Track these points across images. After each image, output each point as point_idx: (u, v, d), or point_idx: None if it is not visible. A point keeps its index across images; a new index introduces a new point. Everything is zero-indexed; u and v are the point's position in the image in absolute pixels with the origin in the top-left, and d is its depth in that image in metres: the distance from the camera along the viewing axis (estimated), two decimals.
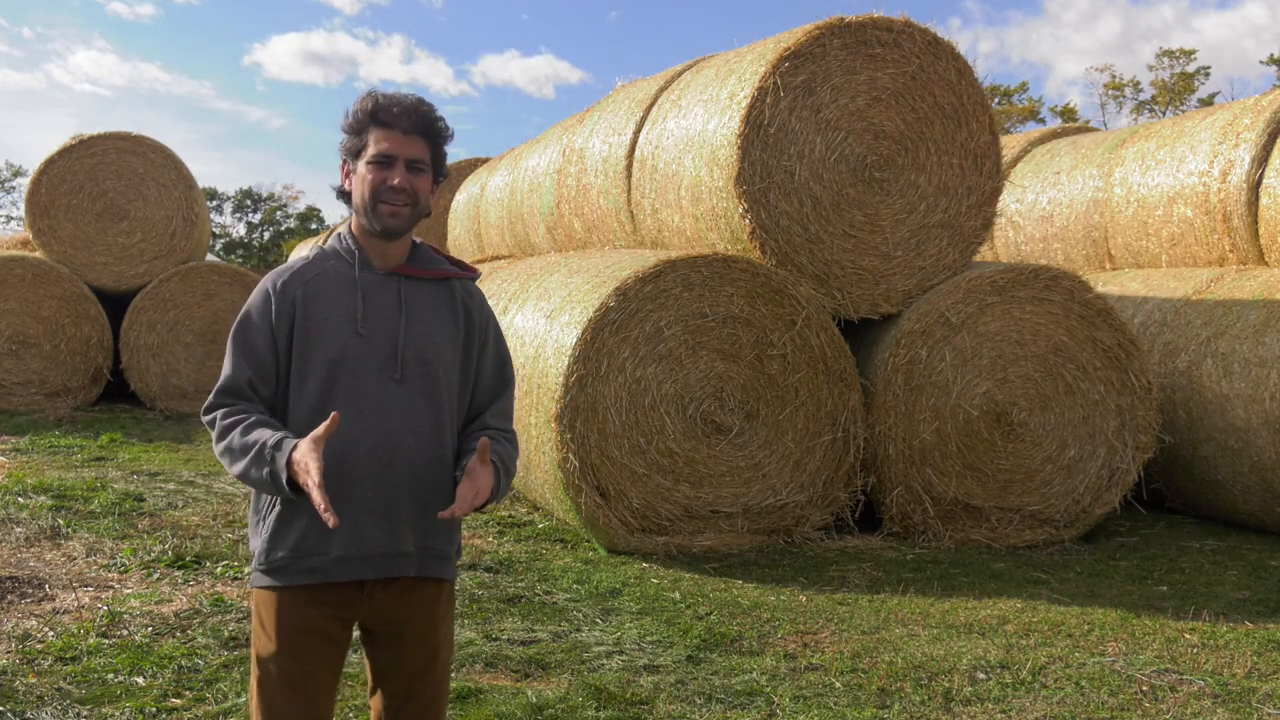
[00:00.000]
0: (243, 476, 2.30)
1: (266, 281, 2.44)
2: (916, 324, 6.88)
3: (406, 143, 2.39)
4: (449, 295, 2.51)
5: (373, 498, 2.36)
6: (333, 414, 2.21)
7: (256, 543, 2.42)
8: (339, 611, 2.42)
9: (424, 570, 2.45)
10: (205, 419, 2.39)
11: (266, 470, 2.23)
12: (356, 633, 2.54)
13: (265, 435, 2.26)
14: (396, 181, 2.37)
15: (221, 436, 2.34)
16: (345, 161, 2.46)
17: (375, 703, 2.54)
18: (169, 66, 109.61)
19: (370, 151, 2.39)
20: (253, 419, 2.32)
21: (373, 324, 2.39)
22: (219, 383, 2.40)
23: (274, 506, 2.39)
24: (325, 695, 2.43)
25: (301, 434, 2.30)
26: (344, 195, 2.50)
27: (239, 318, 2.42)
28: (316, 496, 2.14)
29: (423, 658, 2.49)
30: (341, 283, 2.42)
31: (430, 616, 2.49)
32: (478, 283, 4.00)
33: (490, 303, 8.33)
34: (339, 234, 2.52)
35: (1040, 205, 10.36)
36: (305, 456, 2.17)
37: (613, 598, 5.44)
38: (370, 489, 2.36)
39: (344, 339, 2.37)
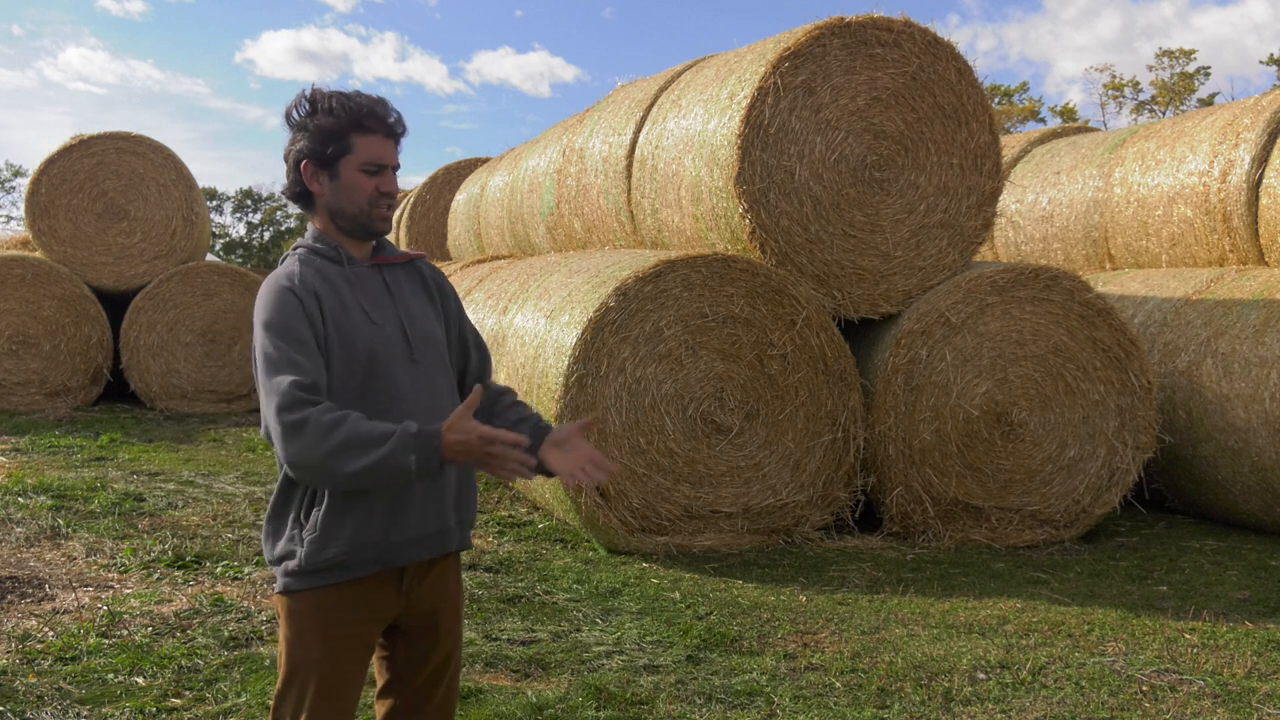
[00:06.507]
0: (370, 467, 2.17)
1: (280, 282, 2.34)
2: (916, 324, 6.88)
3: (388, 148, 2.43)
4: (419, 276, 2.59)
5: (419, 482, 2.36)
6: (477, 387, 2.22)
7: (289, 547, 2.36)
8: (378, 612, 2.43)
9: (463, 543, 2.53)
10: (291, 418, 2.19)
11: (413, 457, 2.15)
12: None
13: (390, 426, 2.20)
14: (389, 188, 2.43)
15: (329, 431, 2.17)
16: (308, 163, 2.40)
17: (385, 704, 2.54)
18: (161, 64, 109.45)
19: (361, 159, 2.39)
20: (355, 414, 2.23)
21: (378, 314, 2.42)
22: (289, 381, 2.21)
23: (315, 505, 2.33)
24: (356, 702, 2.45)
25: None
26: (304, 197, 2.45)
27: (274, 321, 2.29)
28: (511, 437, 2.15)
29: (449, 644, 2.55)
30: (338, 280, 2.42)
31: (457, 601, 2.57)
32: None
33: (490, 303, 8.38)
34: (310, 236, 2.48)
35: (1040, 205, 10.36)
36: (470, 427, 2.17)
37: (613, 598, 5.44)
38: None
39: (365, 330, 2.38)
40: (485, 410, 2.61)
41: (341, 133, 2.38)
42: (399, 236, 16.89)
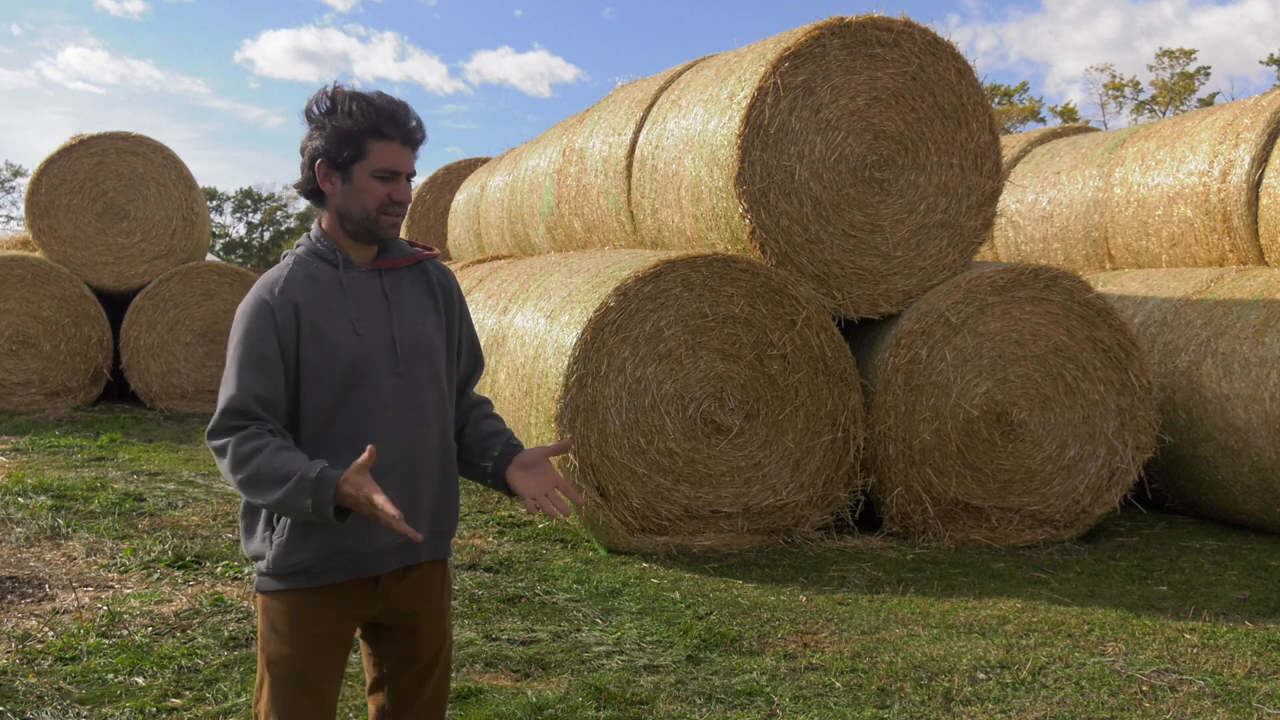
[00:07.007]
0: (276, 504, 2.22)
1: (261, 291, 2.35)
2: (916, 324, 6.88)
3: (404, 155, 2.40)
4: (425, 278, 2.55)
5: (393, 494, 2.35)
6: (369, 448, 2.18)
7: (260, 548, 2.38)
8: (355, 611, 2.43)
9: (435, 553, 2.51)
10: (214, 444, 2.28)
11: (309, 501, 2.17)
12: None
13: (298, 464, 2.20)
14: (401, 196, 2.40)
15: (241, 463, 2.23)
16: (322, 162, 2.38)
17: (376, 700, 2.55)
18: (161, 64, 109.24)
19: (374, 165, 2.36)
20: (273, 444, 2.24)
21: (367, 323, 2.40)
22: (222, 404, 2.28)
23: None
24: (335, 697, 2.46)
25: (316, 439, 2.34)
26: (315, 195, 2.44)
27: (240, 333, 2.31)
28: (392, 510, 2.12)
29: (435, 645, 2.54)
30: (331, 285, 2.40)
31: (440, 602, 2.55)
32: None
33: (490, 303, 8.37)
34: (313, 235, 2.47)
35: (1040, 205, 10.36)
36: (361, 483, 2.15)
37: (613, 598, 5.44)
38: (392, 484, 2.35)
39: (347, 340, 2.36)
40: (460, 419, 2.60)
41: (358, 137, 2.34)
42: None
